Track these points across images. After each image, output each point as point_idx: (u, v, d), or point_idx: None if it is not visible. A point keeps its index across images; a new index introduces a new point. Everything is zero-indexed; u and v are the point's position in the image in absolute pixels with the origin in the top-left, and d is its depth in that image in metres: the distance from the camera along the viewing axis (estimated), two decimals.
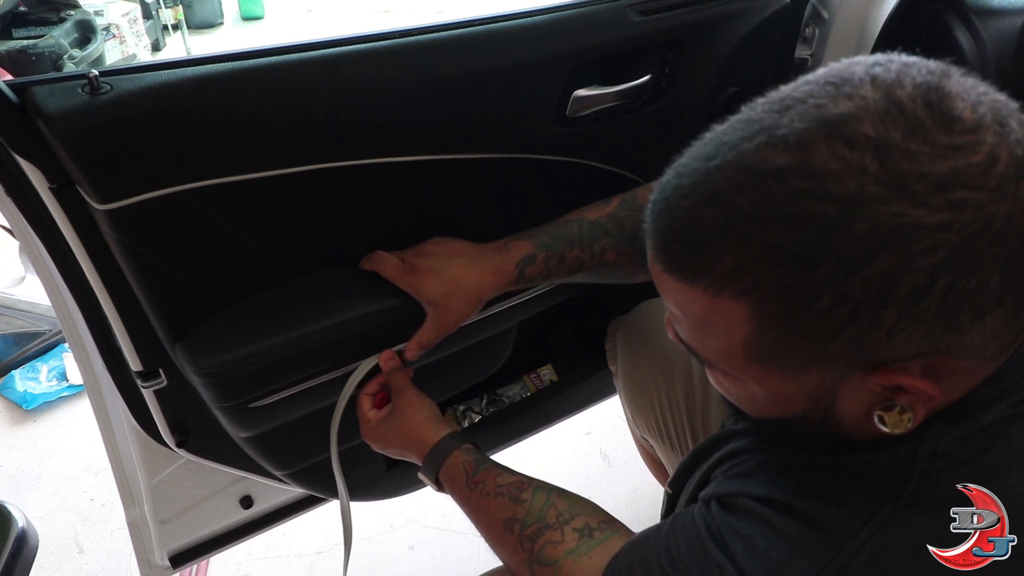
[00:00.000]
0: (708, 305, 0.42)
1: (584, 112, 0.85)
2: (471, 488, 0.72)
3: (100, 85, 0.59)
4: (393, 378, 0.81)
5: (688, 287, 0.43)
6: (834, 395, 0.44)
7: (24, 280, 2.26)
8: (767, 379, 0.45)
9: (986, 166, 0.36)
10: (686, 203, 0.41)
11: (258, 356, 0.73)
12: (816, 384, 0.44)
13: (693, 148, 0.43)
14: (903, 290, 0.37)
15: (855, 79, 0.39)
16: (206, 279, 0.73)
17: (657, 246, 0.44)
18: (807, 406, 0.46)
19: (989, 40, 0.95)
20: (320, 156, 0.71)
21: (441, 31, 0.74)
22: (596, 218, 0.81)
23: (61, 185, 0.63)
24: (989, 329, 0.39)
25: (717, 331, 0.44)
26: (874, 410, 0.44)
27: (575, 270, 0.80)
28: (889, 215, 0.36)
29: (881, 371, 0.41)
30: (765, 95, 0.42)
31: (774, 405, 0.48)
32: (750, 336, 0.42)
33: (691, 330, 0.46)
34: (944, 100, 0.37)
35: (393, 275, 0.77)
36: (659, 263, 0.44)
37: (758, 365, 0.44)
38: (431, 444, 0.76)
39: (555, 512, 0.67)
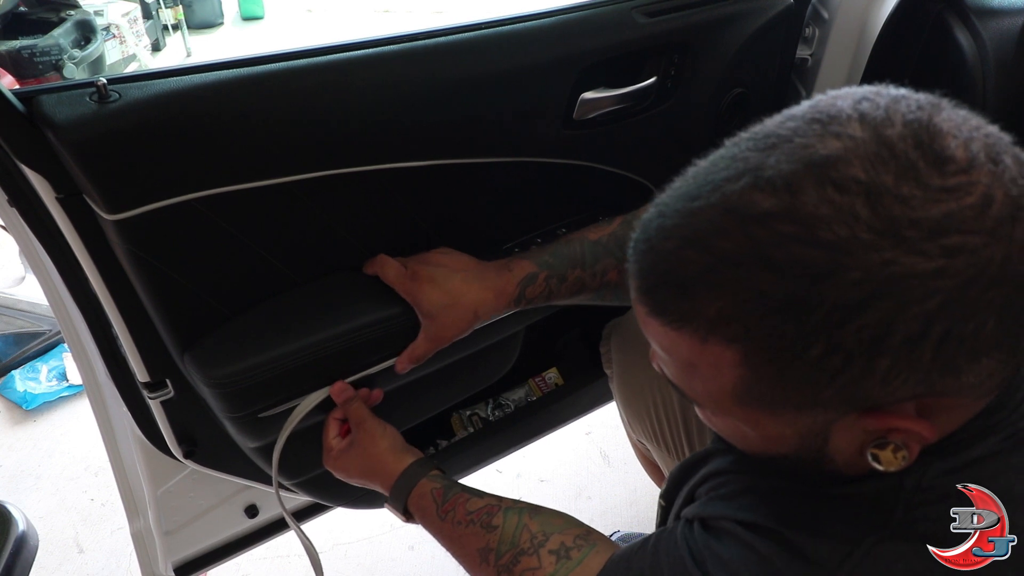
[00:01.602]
0: (695, 350, 0.41)
1: (591, 115, 0.85)
2: (442, 518, 0.71)
3: (108, 93, 0.59)
4: (349, 410, 0.79)
5: (674, 331, 0.41)
6: (826, 436, 0.44)
7: (24, 280, 2.27)
8: (757, 421, 0.44)
9: (981, 208, 0.35)
10: (670, 245, 0.40)
11: (268, 366, 0.73)
12: (808, 426, 0.43)
13: (676, 185, 0.42)
14: (897, 338, 0.36)
15: (842, 116, 0.37)
16: (215, 288, 0.73)
17: (641, 288, 0.42)
18: (799, 446, 0.45)
19: (989, 40, 0.95)
20: (328, 162, 0.71)
21: (447, 35, 0.74)
22: (598, 238, 0.80)
23: (68, 195, 0.63)
24: (985, 369, 0.38)
25: (705, 375, 0.42)
26: (867, 448, 0.43)
27: (577, 291, 0.79)
28: (882, 263, 0.34)
29: (875, 414, 0.40)
30: (747, 130, 0.41)
31: (765, 444, 0.47)
32: (739, 382, 0.41)
33: (678, 372, 0.45)
34: (936, 139, 0.36)
35: (394, 280, 0.77)
36: (644, 306, 0.43)
37: (748, 409, 0.43)
38: (396, 475, 0.75)
39: (528, 535, 0.66)
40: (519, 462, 1.64)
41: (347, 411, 0.79)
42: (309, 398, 0.78)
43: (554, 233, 0.92)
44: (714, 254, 0.38)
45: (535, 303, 0.79)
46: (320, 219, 0.75)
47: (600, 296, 0.81)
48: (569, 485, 1.61)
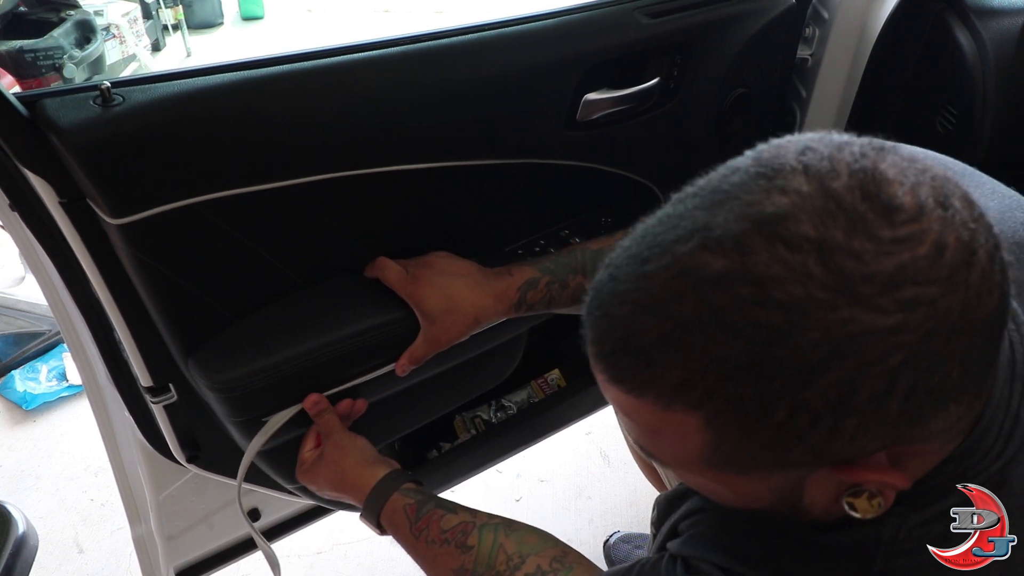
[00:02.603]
0: (658, 416, 0.40)
1: (594, 116, 0.85)
2: (416, 536, 0.70)
3: (112, 97, 0.59)
4: (321, 421, 0.78)
5: (636, 399, 0.40)
6: (800, 491, 0.43)
7: (24, 280, 2.26)
8: (728, 481, 0.44)
9: (934, 257, 0.34)
10: (624, 310, 0.39)
11: (271, 370, 0.73)
12: (781, 484, 0.42)
13: (625, 244, 0.41)
14: (862, 397, 0.35)
15: (787, 169, 0.36)
16: (219, 292, 0.73)
17: (599, 353, 0.41)
18: (773, 501, 0.44)
19: (989, 40, 0.95)
20: (331, 165, 0.71)
21: (449, 37, 0.74)
22: (599, 248, 0.80)
23: (71, 199, 0.62)
24: (953, 415, 0.38)
25: (670, 440, 0.41)
26: (842, 497, 0.42)
27: (578, 298, 0.79)
28: (839, 322, 0.34)
29: (846, 468, 0.39)
30: (693, 184, 0.40)
31: (740, 501, 0.46)
32: (705, 446, 0.40)
33: (643, 437, 0.44)
34: (883, 188, 0.35)
35: (395, 283, 0.77)
36: (603, 373, 0.41)
37: (717, 471, 0.42)
38: (367, 489, 0.73)
39: (504, 556, 0.65)
40: (519, 462, 1.64)
41: (319, 423, 0.78)
42: (281, 413, 0.77)
43: (557, 235, 0.92)
44: (671, 319, 0.37)
45: (536, 309, 0.79)
46: (323, 222, 0.75)
47: None
48: (569, 485, 1.61)
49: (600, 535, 1.48)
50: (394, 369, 0.80)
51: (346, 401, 0.80)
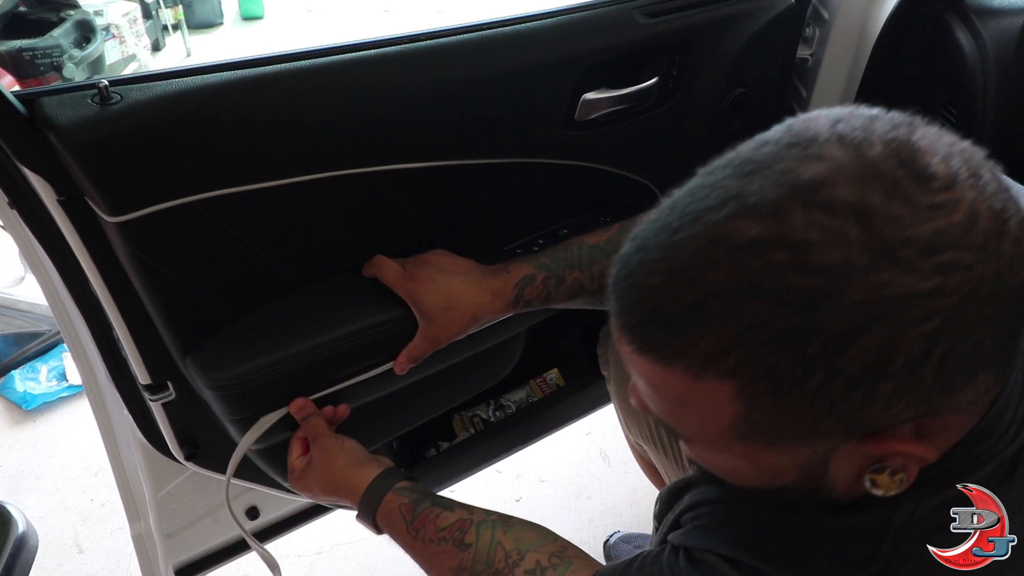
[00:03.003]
0: (688, 387, 0.39)
1: (593, 115, 0.85)
2: (413, 536, 0.69)
3: (110, 95, 0.59)
4: (308, 426, 0.78)
5: (665, 369, 0.39)
6: (825, 465, 0.43)
7: (24, 280, 2.26)
8: (754, 455, 0.43)
9: (968, 225, 0.34)
10: (654, 280, 0.38)
11: (270, 368, 0.73)
12: (807, 457, 0.42)
13: (653, 215, 0.41)
14: (899, 362, 0.35)
15: (820, 139, 0.37)
16: (217, 290, 0.73)
17: (626, 325, 0.41)
18: (797, 477, 0.44)
19: (989, 40, 0.95)
20: (330, 164, 0.71)
21: (448, 36, 0.74)
22: (596, 242, 0.80)
23: (70, 197, 0.62)
24: (981, 385, 0.38)
25: (699, 412, 0.41)
26: (865, 474, 0.42)
27: (575, 293, 0.79)
28: (879, 285, 0.34)
29: (875, 439, 0.39)
30: (722, 156, 0.40)
31: (761, 477, 0.46)
32: (736, 417, 0.39)
33: (668, 409, 0.44)
34: (917, 157, 0.35)
35: (393, 281, 0.77)
36: (630, 344, 0.41)
37: (745, 443, 0.42)
38: (360, 490, 0.73)
39: (503, 553, 0.65)
40: (519, 462, 1.64)
41: (305, 428, 0.78)
42: (266, 417, 0.77)
43: (556, 234, 0.92)
44: (703, 287, 0.36)
45: (533, 305, 0.79)
46: (322, 221, 0.75)
47: (598, 300, 0.81)
48: (569, 485, 1.61)
49: (600, 535, 1.48)
50: (392, 367, 0.80)
51: (327, 408, 0.79)
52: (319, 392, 0.79)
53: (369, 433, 0.93)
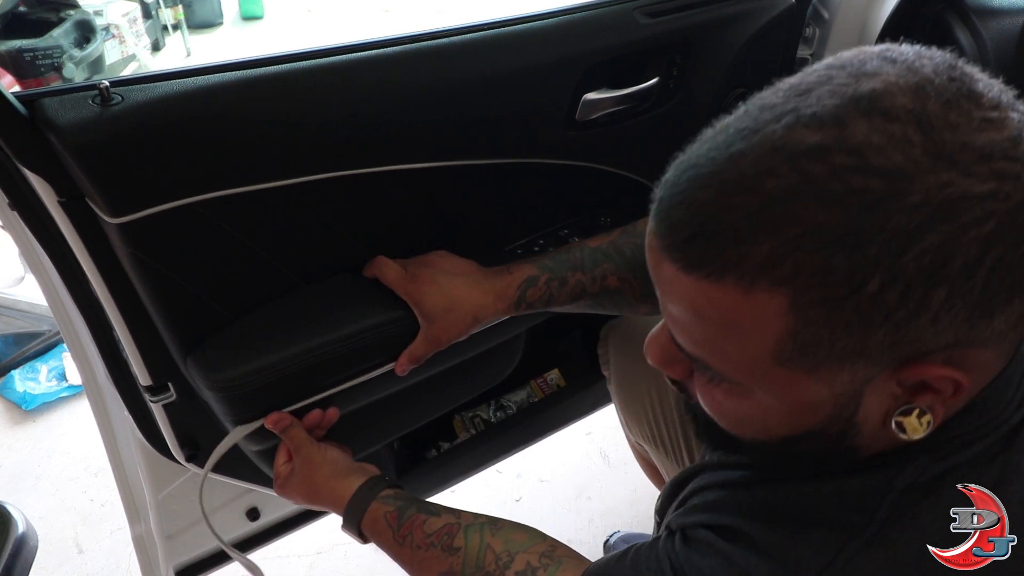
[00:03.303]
0: (737, 303, 0.38)
1: (593, 116, 0.84)
2: (400, 543, 0.69)
3: (111, 96, 0.59)
4: (287, 437, 0.77)
5: (713, 285, 0.39)
6: (859, 399, 0.42)
7: (24, 280, 2.26)
8: (792, 386, 0.42)
9: (1015, 140, 0.36)
10: (707, 193, 0.38)
11: (271, 369, 0.73)
12: (845, 386, 0.41)
13: (701, 141, 0.41)
14: (956, 265, 0.35)
15: (872, 61, 0.38)
16: (217, 291, 0.72)
17: (672, 244, 0.40)
18: (830, 415, 0.43)
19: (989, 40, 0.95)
20: (331, 164, 0.71)
21: (449, 36, 0.74)
22: (597, 245, 0.80)
23: (70, 198, 0.62)
24: (1015, 313, 0.39)
25: (744, 333, 0.40)
26: (892, 416, 0.42)
27: (577, 295, 0.79)
28: (940, 185, 0.34)
29: (912, 366, 0.39)
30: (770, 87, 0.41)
31: (791, 418, 0.44)
32: (784, 334, 0.39)
33: (709, 337, 0.42)
34: (965, 77, 0.37)
35: (394, 282, 0.77)
36: (675, 262, 0.40)
37: (785, 370, 0.41)
38: (345, 500, 0.73)
39: (492, 556, 0.65)
40: (519, 462, 1.64)
41: (285, 439, 0.77)
42: (237, 430, 0.77)
43: (556, 234, 0.92)
44: (761, 195, 0.36)
45: (535, 307, 0.79)
46: (322, 221, 0.75)
47: (598, 302, 0.81)
48: (569, 485, 1.61)
49: (600, 535, 1.48)
50: (393, 368, 0.80)
51: (315, 412, 0.79)
52: (320, 394, 0.79)
53: (370, 434, 0.93)
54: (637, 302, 0.81)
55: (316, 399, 0.79)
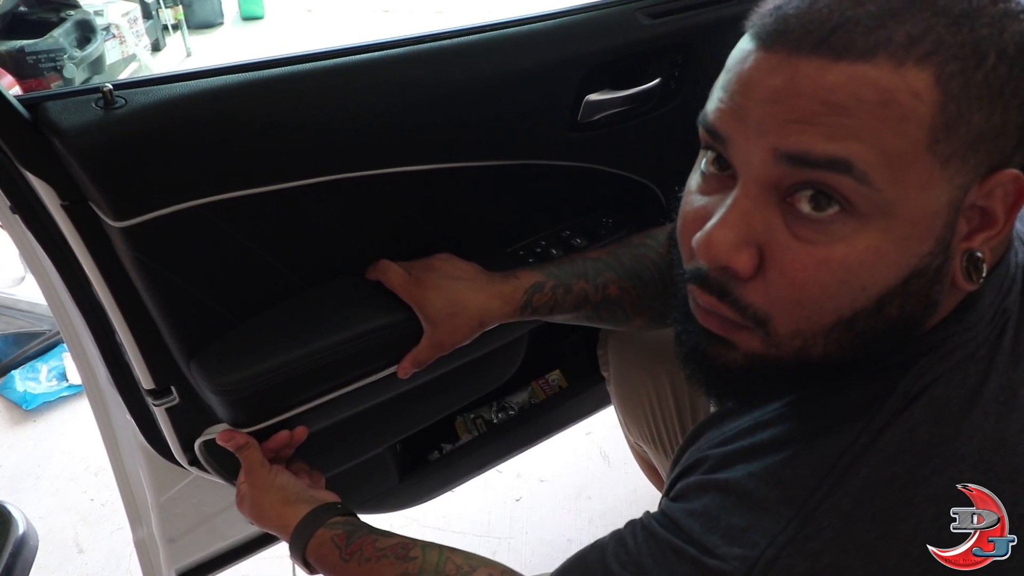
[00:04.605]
0: (892, 79, 0.40)
1: (595, 117, 0.85)
2: (346, 560, 0.67)
3: (114, 99, 0.59)
4: (242, 457, 0.76)
5: (867, 65, 0.40)
6: (956, 221, 0.44)
7: (24, 280, 2.27)
8: (927, 185, 0.42)
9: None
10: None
11: (274, 372, 0.73)
12: (957, 190, 0.43)
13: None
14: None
15: None
16: (221, 294, 0.72)
17: (813, 40, 0.41)
18: (938, 236, 0.44)
19: None
20: (334, 167, 0.71)
21: (450, 38, 0.74)
22: (597, 256, 0.81)
23: (73, 202, 0.62)
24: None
25: (902, 112, 0.41)
26: (963, 256, 0.45)
27: (580, 303, 0.79)
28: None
29: (1000, 171, 0.43)
30: None
31: (905, 247, 0.43)
32: (936, 110, 0.41)
33: (857, 127, 0.41)
34: None
35: (398, 286, 0.77)
36: (819, 56, 0.41)
37: (928, 161, 0.41)
38: (290, 528, 0.71)
39: (454, 566, 0.64)
40: (519, 462, 1.64)
41: (240, 458, 0.77)
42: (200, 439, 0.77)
43: (558, 235, 0.93)
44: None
45: (539, 313, 0.79)
46: (326, 224, 0.75)
47: (597, 313, 0.81)
48: (569, 485, 1.61)
49: (600, 535, 1.47)
50: (394, 372, 0.80)
51: (283, 433, 0.78)
52: (323, 397, 0.79)
53: (373, 437, 0.94)
54: (633, 314, 0.81)
55: (320, 402, 0.79)
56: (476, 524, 1.53)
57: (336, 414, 0.83)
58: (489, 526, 1.53)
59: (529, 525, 1.53)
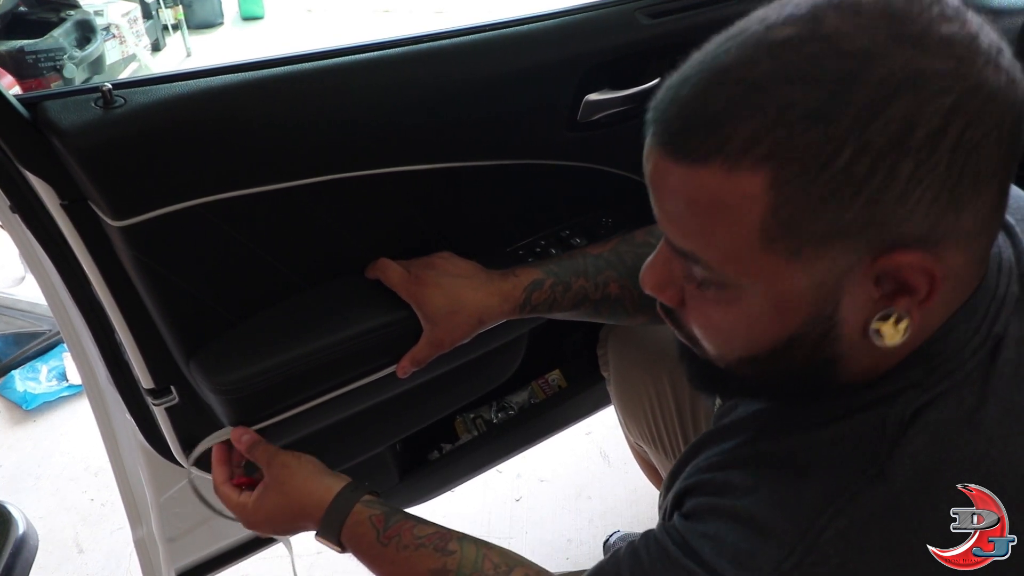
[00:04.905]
0: (723, 184, 0.41)
1: (595, 117, 0.85)
2: (384, 544, 0.66)
3: (114, 98, 0.59)
4: (255, 454, 0.74)
5: (700, 169, 0.41)
6: (838, 296, 0.43)
7: (24, 280, 2.27)
8: (776, 274, 0.43)
9: (974, 36, 0.39)
10: (696, 88, 0.41)
11: (273, 372, 0.73)
12: (824, 274, 0.42)
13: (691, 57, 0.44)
14: (920, 135, 0.38)
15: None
16: (220, 293, 0.72)
17: (664, 139, 0.43)
18: (810, 311, 0.44)
19: None
20: (334, 166, 0.71)
21: (450, 38, 0.74)
22: (599, 253, 0.81)
23: (73, 201, 0.62)
24: (982, 211, 0.41)
25: (732, 214, 0.41)
26: (872, 321, 0.44)
27: (579, 300, 0.79)
28: (904, 62, 0.38)
29: (888, 253, 0.41)
30: None
31: (776, 321, 0.46)
32: (767, 212, 0.41)
33: (702, 227, 0.44)
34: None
35: (397, 284, 0.76)
36: (667, 155, 0.42)
37: (769, 255, 0.42)
38: (326, 504, 0.69)
39: (491, 564, 0.64)
40: (519, 462, 1.64)
41: (253, 456, 0.74)
42: (208, 438, 0.77)
43: (558, 235, 0.92)
44: (743, 82, 0.40)
45: (538, 310, 0.79)
46: (326, 223, 0.75)
47: (598, 310, 0.81)
48: (569, 485, 1.61)
49: (600, 535, 1.48)
50: (394, 371, 0.80)
51: None
52: (322, 396, 0.79)
53: (373, 436, 0.93)
54: (635, 311, 0.81)
55: (319, 401, 0.79)
56: (476, 524, 1.53)
57: (336, 413, 0.83)
58: (489, 526, 1.53)
59: (529, 525, 1.53)
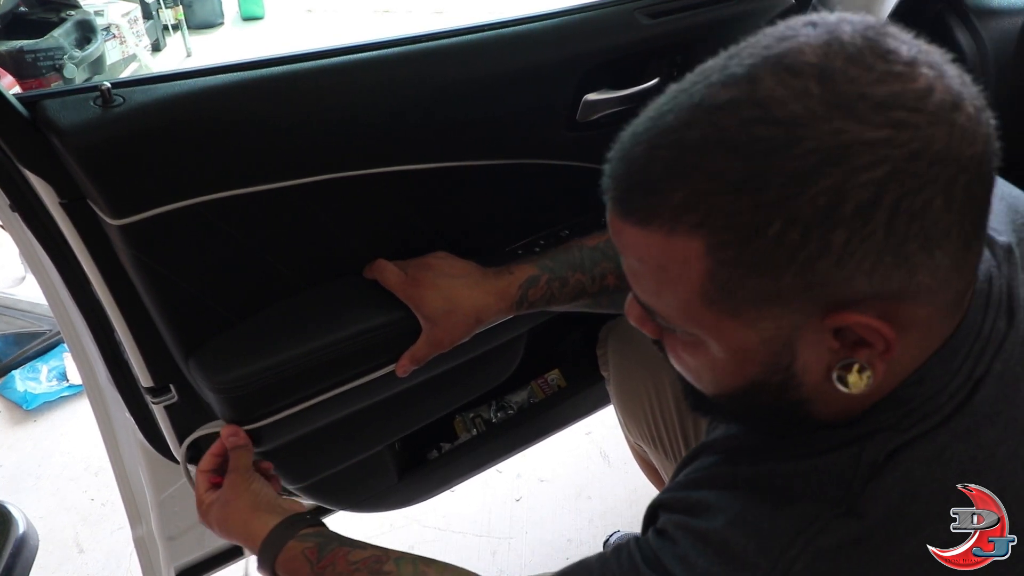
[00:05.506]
0: (664, 247, 0.42)
1: (594, 116, 0.85)
2: (319, 574, 0.65)
3: (113, 97, 0.59)
4: (234, 455, 0.74)
5: (644, 231, 0.42)
6: (793, 348, 0.43)
7: (24, 280, 2.27)
8: (724, 331, 0.44)
9: (923, 93, 0.37)
10: (640, 148, 0.42)
11: (272, 371, 0.73)
12: (773, 332, 0.43)
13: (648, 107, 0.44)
14: (849, 207, 0.37)
15: (796, 25, 0.41)
16: (219, 292, 0.72)
17: (615, 196, 0.44)
18: (766, 362, 0.45)
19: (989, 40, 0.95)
20: (332, 166, 0.71)
21: (450, 37, 0.74)
22: (595, 244, 0.80)
23: (72, 200, 0.62)
24: (940, 267, 0.39)
25: (675, 276, 0.42)
26: (833, 369, 0.43)
27: (577, 294, 0.79)
28: (833, 132, 0.36)
29: (837, 312, 0.40)
30: None
31: (735, 368, 0.46)
32: (705, 276, 0.41)
33: (651, 284, 0.45)
34: (881, 36, 0.39)
35: (394, 285, 0.77)
36: (618, 214, 0.44)
37: (714, 313, 0.43)
38: (260, 539, 0.68)
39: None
40: (519, 462, 1.64)
41: (231, 456, 0.74)
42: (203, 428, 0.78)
43: (557, 235, 0.92)
44: (679, 146, 0.40)
45: (536, 307, 0.79)
46: (324, 223, 0.75)
47: (597, 302, 0.81)
48: (569, 485, 1.61)
49: (600, 535, 1.48)
50: (392, 370, 0.80)
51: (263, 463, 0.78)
52: (321, 396, 0.79)
53: (371, 435, 0.93)
54: None
55: (318, 400, 0.79)
56: (476, 524, 1.53)
57: (335, 413, 0.83)
58: (489, 526, 1.53)
59: (529, 525, 1.53)
